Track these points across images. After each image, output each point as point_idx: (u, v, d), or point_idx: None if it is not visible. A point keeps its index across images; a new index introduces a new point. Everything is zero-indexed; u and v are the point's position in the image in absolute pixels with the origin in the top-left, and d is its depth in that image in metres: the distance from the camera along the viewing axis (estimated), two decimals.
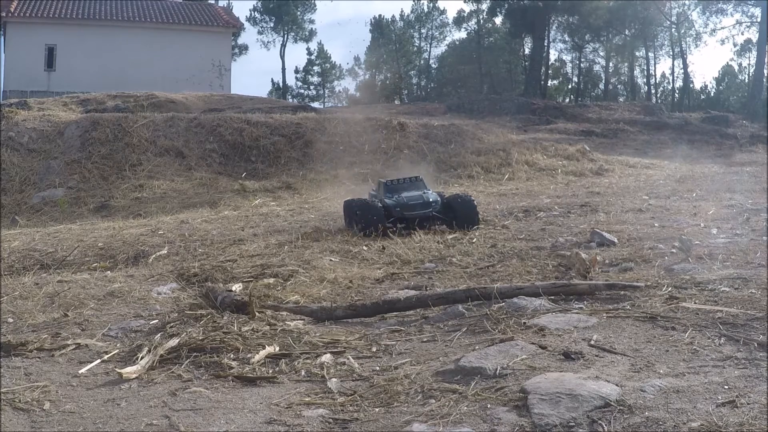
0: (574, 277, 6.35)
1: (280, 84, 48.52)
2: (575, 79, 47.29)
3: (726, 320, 4.51)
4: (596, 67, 46.69)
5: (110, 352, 4.85)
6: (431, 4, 49.71)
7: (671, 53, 44.90)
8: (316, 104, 37.55)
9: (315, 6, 50.73)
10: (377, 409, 3.65)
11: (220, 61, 31.32)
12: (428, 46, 50.19)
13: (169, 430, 3.51)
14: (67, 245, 9.52)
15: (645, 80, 46.96)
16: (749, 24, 40.90)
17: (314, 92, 51.19)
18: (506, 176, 16.79)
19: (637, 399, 3.37)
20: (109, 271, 8.00)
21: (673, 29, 43.22)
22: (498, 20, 45.01)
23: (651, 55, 45.38)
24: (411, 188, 10.54)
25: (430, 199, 10.29)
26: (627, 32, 42.27)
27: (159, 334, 5.12)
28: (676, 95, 45.21)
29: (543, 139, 21.01)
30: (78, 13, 30.12)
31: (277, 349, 4.77)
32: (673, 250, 7.20)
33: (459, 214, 10.06)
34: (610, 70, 46.22)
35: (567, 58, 46.90)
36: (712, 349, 4.08)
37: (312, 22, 50.43)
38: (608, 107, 29.63)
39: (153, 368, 4.44)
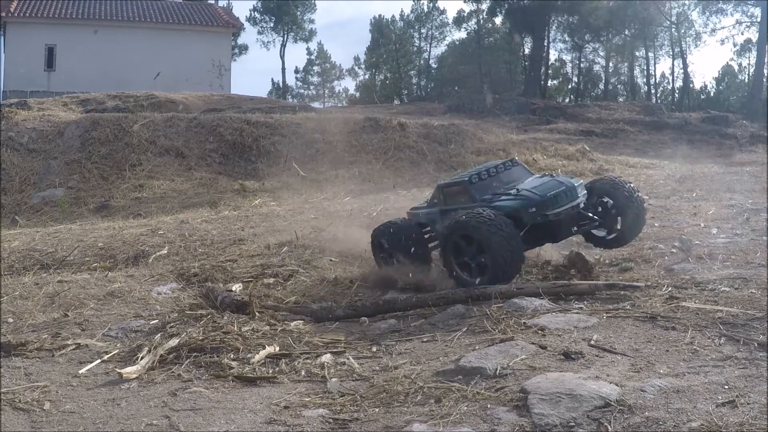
0: (574, 277, 6.35)
1: (280, 84, 48.54)
2: (575, 79, 47.24)
3: (726, 320, 4.51)
4: (596, 67, 46.68)
5: (110, 352, 4.85)
6: (431, 4, 49.65)
7: (671, 53, 44.90)
8: (316, 104, 37.49)
9: (315, 6, 50.74)
10: (377, 409, 3.65)
11: (220, 61, 31.29)
12: (428, 46, 50.12)
13: (169, 430, 3.51)
14: (67, 245, 9.51)
15: (645, 80, 46.95)
16: (749, 24, 40.85)
17: (314, 92, 51.21)
18: None
19: (637, 399, 3.37)
20: (109, 271, 8.00)
21: (673, 29, 43.18)
22: (498, 20, 45.03)
23: (651, 55, 45.37)
24: (515, 179, 6.68)
25: (574, 183, 6.45)
26: (627, 32, 42.21)
27: (159, 334, 5.12)
28: (676, 95, 45.17)
29: (543, 139, 20.98)
30: (78, 13, 30.09)
31: (277, 349, 4.77)
32: (673, 250, 7.21)
33: (624, 211, 6.56)
34: (610, 70, 46.21)
35: (567, 58, 46.89)
36: (712, 349, 4.08)
37: (312, 22, 50.39)
38: (608, 107, 29.58)
39: (153, 368, 4.44)
